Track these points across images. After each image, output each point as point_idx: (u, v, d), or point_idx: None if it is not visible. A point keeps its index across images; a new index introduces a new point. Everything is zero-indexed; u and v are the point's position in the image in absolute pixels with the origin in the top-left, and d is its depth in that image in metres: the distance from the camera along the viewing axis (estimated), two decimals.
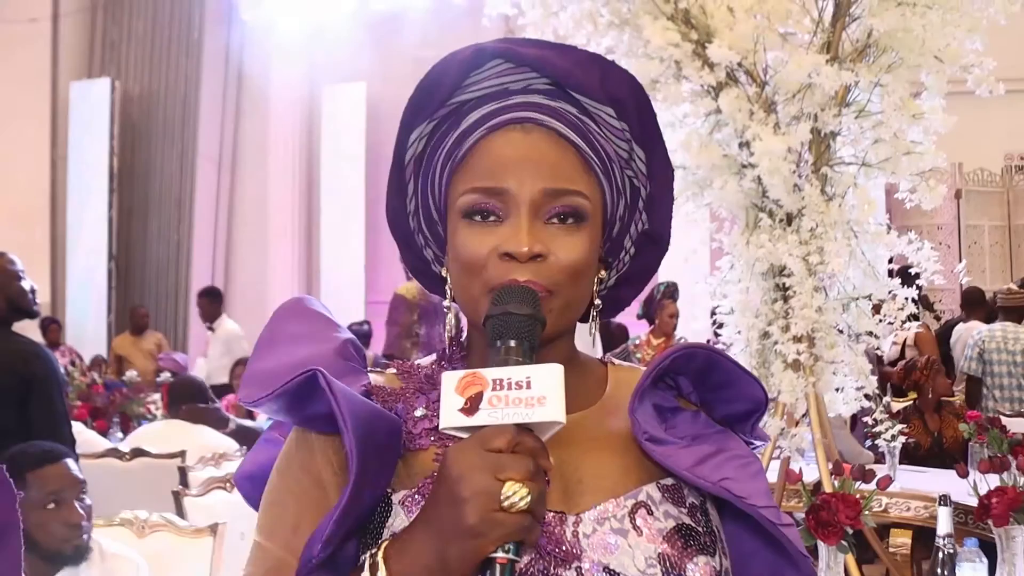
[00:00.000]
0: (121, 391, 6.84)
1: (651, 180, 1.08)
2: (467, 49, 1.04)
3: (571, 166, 1.02)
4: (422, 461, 1.00)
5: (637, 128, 1.06)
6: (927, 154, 3.21)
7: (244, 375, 1.02)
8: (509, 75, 1.04)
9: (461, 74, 1.04)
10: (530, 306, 0.94)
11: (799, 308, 3.22)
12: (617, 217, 1.09)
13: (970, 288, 7.54)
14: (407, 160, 1.09)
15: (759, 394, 1.07)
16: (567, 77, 1.03)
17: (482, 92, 1.04)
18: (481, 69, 1.04)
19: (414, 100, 1.05)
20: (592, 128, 1.04)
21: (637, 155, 1.07)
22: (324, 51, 10.86)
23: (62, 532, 2.66)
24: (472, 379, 0.89)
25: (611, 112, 1.05)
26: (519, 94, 1.04)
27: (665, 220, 1.11)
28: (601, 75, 1.03)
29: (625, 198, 1.08)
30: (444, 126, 1.06)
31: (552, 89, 1.04)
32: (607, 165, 1.05)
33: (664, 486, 1.02)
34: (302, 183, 11.37)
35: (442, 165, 1.06)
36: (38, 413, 3.52)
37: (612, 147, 1.06)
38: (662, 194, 1.10)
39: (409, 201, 1.11)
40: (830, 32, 3.29)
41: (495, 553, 0.85)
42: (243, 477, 1.15)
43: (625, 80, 1.05)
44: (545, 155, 1.01)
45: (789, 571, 1.04)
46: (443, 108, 1.05)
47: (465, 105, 1.05)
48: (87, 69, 11.89)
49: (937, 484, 3.85)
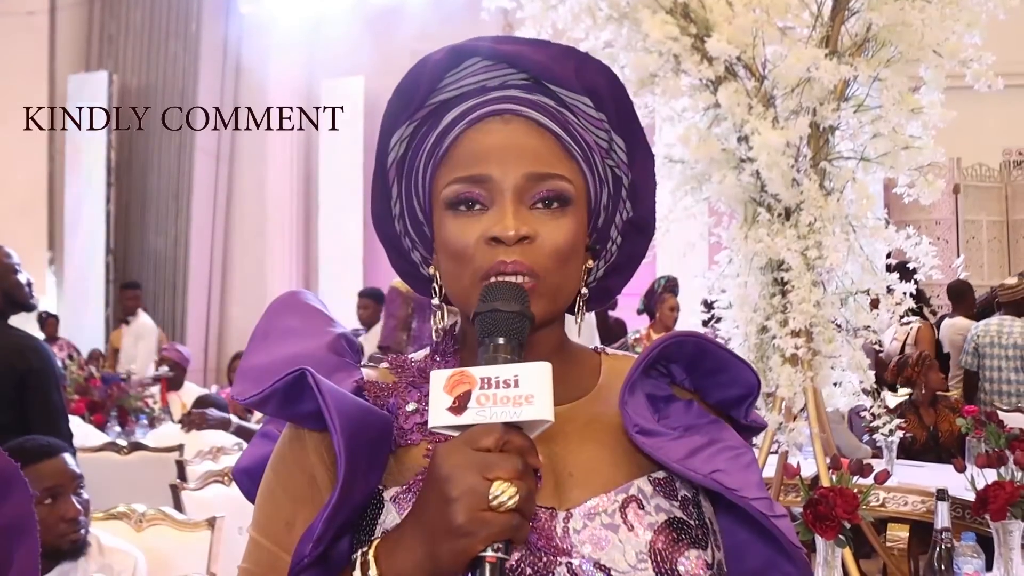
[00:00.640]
0: (119, 384, 6.84)
1: (632, 168, 1.09)
2: (442, 50, 1.05)
3: (552, 152, 1.03)
4: (413, 457, 1.00)
5: (615, 117, 1.07)
6: (926, 149, 3.21)
7: (238, 370, 1.02)
8: (486, 72, 1.05)
9: (437, 75, 1.04)
10: (518, 303, 0.94)
11: (797, 302, 3.22)
12: (601, 207, 1.09)
13: (955, 282, 7.50)
14: (389, 164, 1.09)
15: (751, 378, 1.08)
16: (543, 71, 1.04)
17: (460, 90, 1.05)
18: (457, 69, 1.05)
19: (393, 104, 1.07)
20: (571, 119, 1.05)
21: (617, 144, 1.08)
22: (322, 44, 10.85)
23: (59, 527, 2.66)
24: (460, 378, 0.89)
25: (588, 102, 1.06)
26: (497, 90, 1.05)
27: (649, 207, 1.12)
28: (576, 67, 1.04)
29: (608, 187, 1.09)
30: (424, 127, 1.07)
31: (529, 83, 1.05)
32: (588, 154, 1.06)
33: (655, 480, 1.02)
34: (300, 177, 11.36)
35: (424, 164, 1.06)
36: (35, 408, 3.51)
37: (591, 137, 1.07)
38: (644, 181, 1.10)
39: (394, 205, 1.11)
40: (829, 26, 3.28)
41: (484, 552, 0.85)
42: (241, 471, 1.15)
43: (600, 71, 1.06)
44: (526, 142, 1.02)
45: (783, 563, 1.04)
46: (422, 109, 1.06)
47: (444, 105, 1.06)
48: (85, 62, 11.87)
49: (934, 479, 3.86)
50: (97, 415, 6.29)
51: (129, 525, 3.07)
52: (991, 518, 2.71)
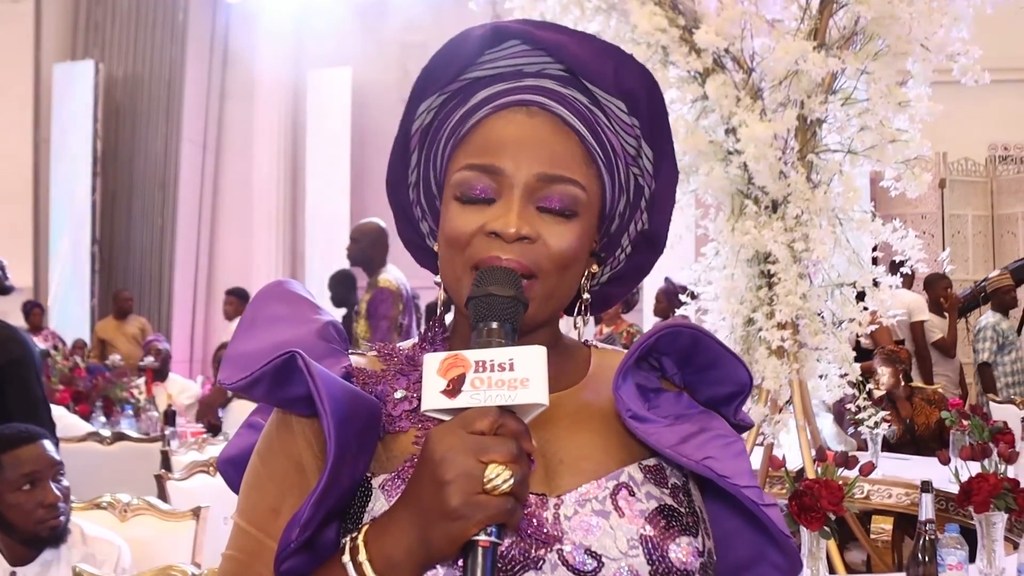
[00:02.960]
0: (104, 375, 6.81)
1: (656, 179, 1.07)
2: (486, 26, 1.03)
3: (571, 154, 1.01)
4: (402, 444, 0.99)
5: (647, 125, 1.05)
6: (912, 142, 3.22)
7: (224, 357, 1.01)
8: (524, 57, 1.03)
9: (477, 50, 1.03)
10: (512, 288, 0.93)
11: (784, 295, 3.23)
12: (617, 213, 1.07)
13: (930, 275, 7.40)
14: (413, 131, 1.08)
15: (744, 376, 1.07)
16: (582, 65, 1.02)
17: (495, 71, 1.04)
18: (497, 48, 1.03)
19: (427, 71, 1.04)
20: (601, 119, 1.03)
21: (645, 153, 1.06)
22: (310, 35, 10.80)
23: (38, 513, 2.65)
24: (454, 361, 0.88)
25: (622, 106, 1.04)
26: (532, 77, 1.03)
27: (664, 222, 1.10)
28: (616, 67, 1.02)
29: (627, 195, 1.07)
30: (453, 101, 1.05)
31: (565, 76, 1.03)
32: (611, 159, 1.04)
33: (646, 467, 1.01)
34: (287, 167, 11.32)
35: (446, 140, 1.05)
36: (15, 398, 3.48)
37: (619, 141, 1.05)
38: (665, 195, 1.08)
39: (411, 172, 1.10)
40: (817, 19, 3.29)
41: (477, 536, 0.85)
42: (226, 461, 1.14)
43: (640, 75, 1.03)
44: (545, 140, 1.00)
45: (771, 551, 1.04)
46: (455, 83, 1.04)
47: (477, 82, 1.04)
48: (71, 51, 11.77)
49: (919, 471, 3.88)
50: (82, 405, 6.26)
51: (113, 515, 3.06)
52: (975, 510, 2.72)
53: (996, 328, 6.96)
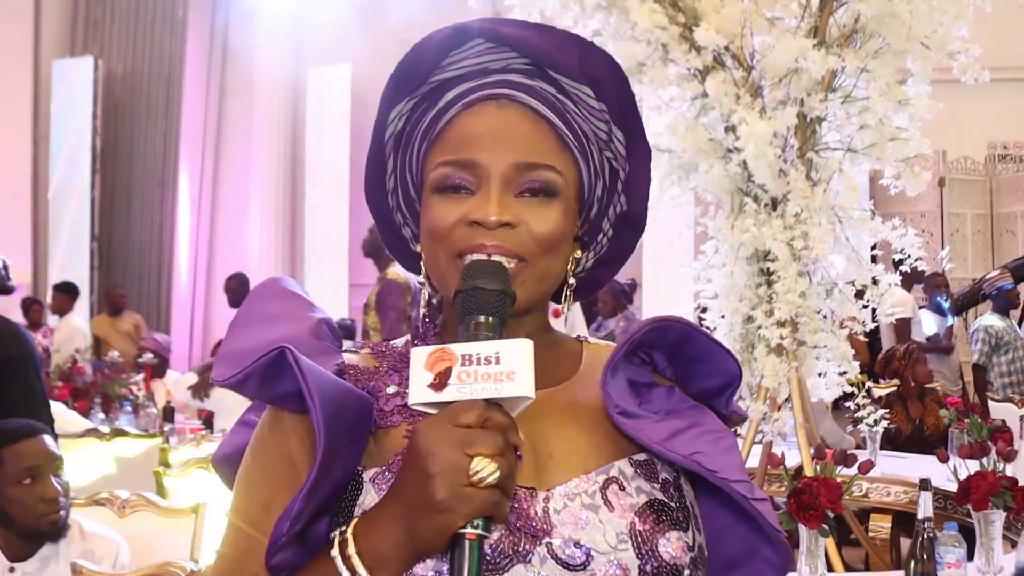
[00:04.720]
0: (103, 371, 6.81)
1: (630, 161, 1.09)
2: (447, 28, 1.05)
3: (544, 142, 1.02)
4: (393, 439, 1.00)
5: (616, 109, 1.06)
6: (912, 140, 3.22)
7: (218, 354, 1.02)
8: (489, 55, 1.05)
9: (441, 53, 1.04)
10: (500, 281, 0.94)
11: (783, 293, 3.23)
12: (595, 199, 1.09)
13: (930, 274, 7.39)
14: (387, 138, 1.09)
15: (733, 368, 1.08)
16: (546, 57, 1.03)
17: (462, 71, 1.05)
18: (461, 48, 1.04)
19: (395, 78, 1.06)
20: (570, 107, 1.05)
21: (616, 136, 1.07)
22: (310, 32, 10.78)
23: (38, 507, 2.66)
24: (441, 354, 0.88)
25: (589, 92, 1.05)
26: (498, 73, 1.04)
27: (642, 202, 1.11)
28: (580, 55, 1.04)
29: (603, 179, 1.08)
30: (423, 105, 1.06)
31: (531, 69, 1.05)
32: (584, 145, 1.05)
33: (636, 461, 1.02)
34: (286, 165, 11.31)
35: (419, 142, 1.07)
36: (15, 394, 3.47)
37: (590, 127, 1.06)
38: (641, 176, 1.10)
39: (388, 179, 1.11)
40: (817, 17, 3.29)
41: (464, 529, 0.85)
42: (220, 459, 1.14)
43: (604, 61, 1.05)
44: (518, 130, 1.02)
45: (763, 546, 1.04)
46: (424, 86, 1.06)
47: (445, 84, 1.05)
48: (70, 47, 11.76)
49: (917, 469, 3.88)
50: (81, 402, 6.26)
51: (112, 511, 3.06)
52: (973, 508, 2.72)
53: (988, 330, 6.96)
